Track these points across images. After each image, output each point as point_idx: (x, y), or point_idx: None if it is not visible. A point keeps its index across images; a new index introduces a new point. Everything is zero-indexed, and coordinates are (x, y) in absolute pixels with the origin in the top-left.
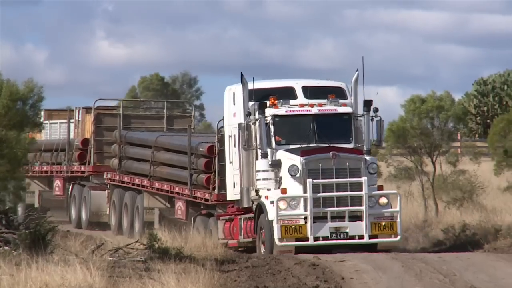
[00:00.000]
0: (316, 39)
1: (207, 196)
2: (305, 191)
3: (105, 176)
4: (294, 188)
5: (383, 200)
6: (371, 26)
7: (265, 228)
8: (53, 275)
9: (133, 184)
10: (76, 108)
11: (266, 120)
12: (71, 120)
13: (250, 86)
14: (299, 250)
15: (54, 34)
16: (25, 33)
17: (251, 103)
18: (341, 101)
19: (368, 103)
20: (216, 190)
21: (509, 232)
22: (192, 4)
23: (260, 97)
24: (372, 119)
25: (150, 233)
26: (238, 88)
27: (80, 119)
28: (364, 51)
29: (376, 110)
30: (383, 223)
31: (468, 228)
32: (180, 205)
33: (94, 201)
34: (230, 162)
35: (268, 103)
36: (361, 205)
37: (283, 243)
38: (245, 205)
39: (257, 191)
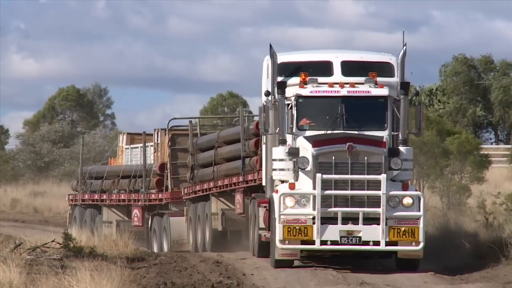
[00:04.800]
0: (214, 54)
1: (255, 176)
2: (314, 187)
3: (182, 192)
4: (306, 183)
5: (408, 201)
6: (264, 42)
7: (272, 227)
8: None
9: (203, 191)
10: (155, 130)
11: (289, 101)
12: (150, 144)
13: (281, 58)
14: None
15: None
16: None
17: (280, 79)
18: (383, 80)
19: (405, 85)
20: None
21: None
22: (98, 21)
23: (290, 72)
24: (410, 104)
25: (65, 233)
26: (271, 61)
27: (159, 141)
28: (258, 66)
29: (416, 93)
30: (403, 228)
31: None
32: (238, 198)
33: (174, 229)
34: (264, 143)
35: (289, 81)
36: (378, 206)
37: (284, 246)
38: (268, 195)
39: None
